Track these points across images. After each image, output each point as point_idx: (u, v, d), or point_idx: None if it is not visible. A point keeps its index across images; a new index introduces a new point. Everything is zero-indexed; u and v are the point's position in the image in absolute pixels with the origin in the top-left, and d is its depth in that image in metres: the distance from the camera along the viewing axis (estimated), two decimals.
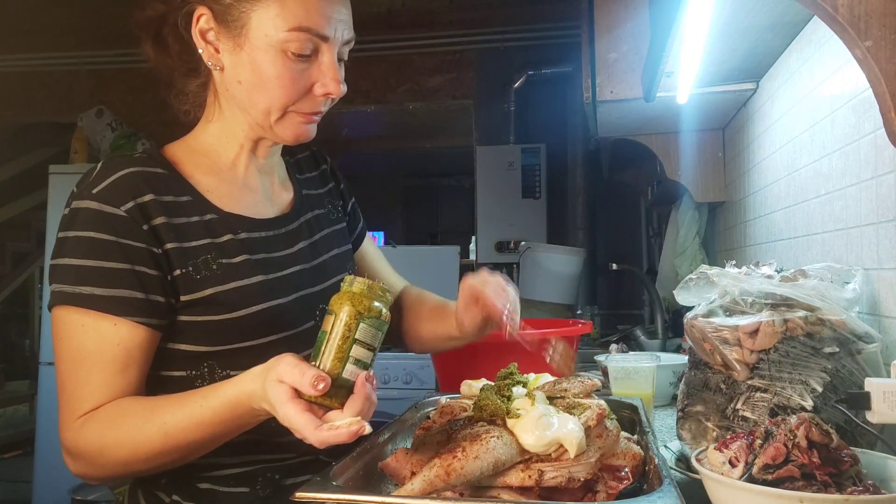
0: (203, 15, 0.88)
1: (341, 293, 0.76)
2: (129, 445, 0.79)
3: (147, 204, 0.86)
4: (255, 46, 0.86)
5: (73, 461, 0.83)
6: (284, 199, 1.03)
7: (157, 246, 0.86)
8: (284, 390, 0.70)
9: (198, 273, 0.87)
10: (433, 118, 5.05)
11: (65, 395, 0.83)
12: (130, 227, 0.84)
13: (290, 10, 0.85)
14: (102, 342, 0.82)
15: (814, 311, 0.93)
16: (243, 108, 0.91)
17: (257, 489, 0.91)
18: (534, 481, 0.73)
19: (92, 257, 0.83)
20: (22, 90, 4.45)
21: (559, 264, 3.07)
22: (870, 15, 0.79)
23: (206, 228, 0.90)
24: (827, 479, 0.70)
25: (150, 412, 0.80)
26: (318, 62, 0.89)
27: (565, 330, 1.57)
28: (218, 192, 0.94)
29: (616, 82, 1.84)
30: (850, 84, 1.20)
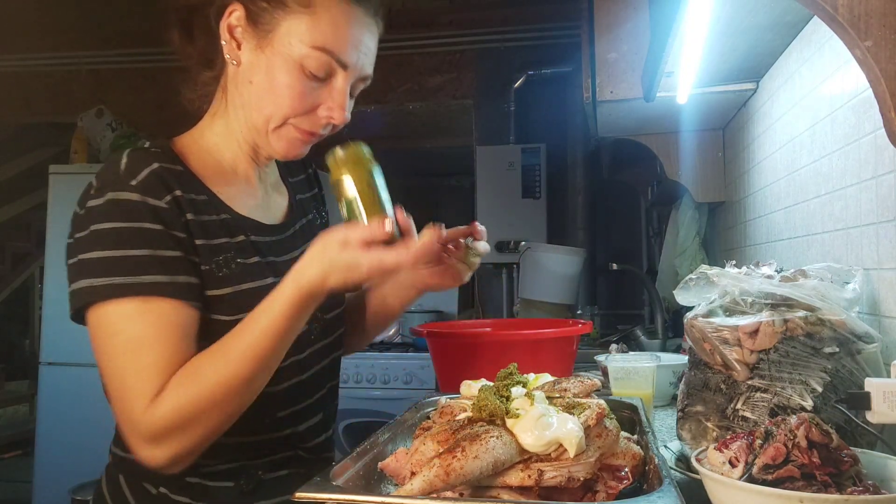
0: (236, 11, 0.89)
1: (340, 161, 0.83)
2: (217, 386, 0.79)
3: (180, 198, 0.86)
4: (276, 52, 0.87)
5: (156, 447, 0.80)
6: (280, 205, 1.04)
7: (192, 238, 0.87)
8: (356, 249, 0.77)
9: (219, 271, 0.88)
10: (433, 118, 5.04)
11: (128, 386, 0.81)
12: (174, 218, 0.85)
13: (319, 28, 0.86)
14: (163, 326, 0.81)
15: (814, 311, 0.93)
16: (247, 107, 0.91)
17: (241, 483, 0.92)
18: (533, 481, 0.73)
19: (146, 247, 0.82)
20: (22, 90, 4.45)
21: (559, 264, 3.07)
22: (870, 15, 0.79)
23: (224, 228, 0.91)
24: (827, 479, 0.70)
25: (223, 350, 0.81)
26: (330, 86, 0.90)
27: (565, 330, 1.57)
28: (227, 193, 0.94)
29: (616, 82, 1.85)
30: (850, 84, 1.20)
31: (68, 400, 3.51)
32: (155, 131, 4.10)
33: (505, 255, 3.73)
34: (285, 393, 0.95)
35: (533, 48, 3.88)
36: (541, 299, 3.07)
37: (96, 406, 3.83)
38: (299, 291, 0.80)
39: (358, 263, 0.77)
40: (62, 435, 3.50)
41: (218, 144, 0.96)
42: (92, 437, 3.42)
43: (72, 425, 3.48)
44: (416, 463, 0.77)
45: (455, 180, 8.15)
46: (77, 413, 3.49)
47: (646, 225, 3.87)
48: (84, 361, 3.51)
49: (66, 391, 3.52)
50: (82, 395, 3.49)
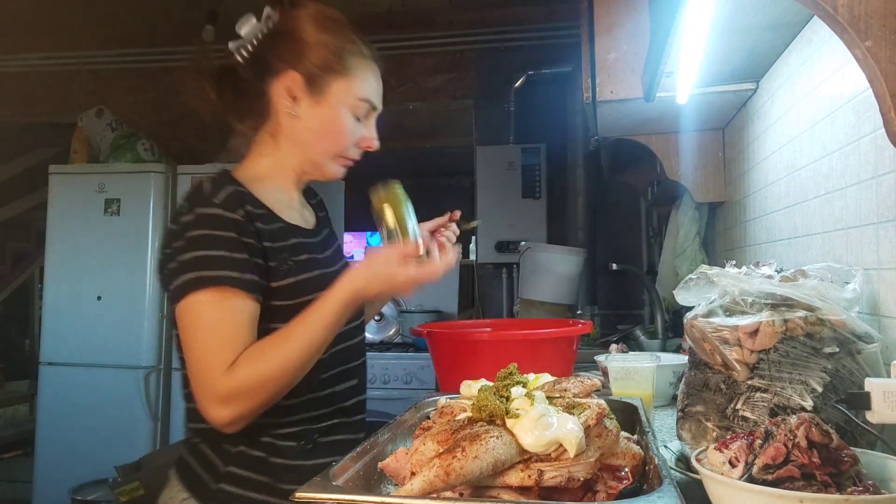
0: (296, 78, 1.15)
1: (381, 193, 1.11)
2: (279, 361, 1.02)
3: (249, 212, 1.09)
4: (331, 105, 1.16)
5: (222, 408, 1.00)
6: (310, 217, 1.29)
7: (260, 243, 1.08)
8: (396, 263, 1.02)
9: (280, 266, 1.10)
10: (433, 118, 5.04)
11: (210, 356, 1.01)
12: (245, 228, 1.07)
13: (359, 85, 1.18)
14: (237, 312, 1.03)
15: (814, 311, 0.93)
16: (305, 147, 1.19)
17: (301, 444, 1.13)
18: (533, 481, 0.73)
19: (225, 249, 1.04)
20: (22, 90, 4.45)
21: (559, 264, 3.07)
22: (870, 15, 0.79)
23: (280, 234, 1.14)
24: (827, 479, 0.70)
25: (286, 335, 1.04)
26: (366, 123, 1.21)
27: (565, 330, 1.57)
28: (277, 208, 1.17)
29: (616, 82, 1.84)
30: (850, 84, 1.20)
31: (68, 400, 3.52)
32: (155, 131, 4.11)
33: (505, 255, 3.73)
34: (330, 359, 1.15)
35: (533, 48, 3.89)
36: (541, 299, 3.07)
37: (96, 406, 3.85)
38: (346, 295, 1.03)
39: (395, 275, 1.01)
40: (62, 435, 3.50)
41: (267, 174, 1.20)
42: (92, 436, 3.45)
43: (72, 425, 3.49)
44: (416, 463, 0.77)
45: (455, 180, 8.14)
46: (77, 413, 3.49)
47: (646, 225, 3.87)
48: (84, 361, 3.52)
49: (66, 391, 3.52)
50: (82, 395, 3.50)
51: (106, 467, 2.99)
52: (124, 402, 3.47)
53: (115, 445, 3.36)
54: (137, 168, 3.63)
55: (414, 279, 1.02)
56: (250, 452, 1.10)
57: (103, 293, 3.53)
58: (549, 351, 1.48)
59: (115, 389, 3.47)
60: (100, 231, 3.56)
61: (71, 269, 3.57)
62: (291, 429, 1.13)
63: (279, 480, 1.09)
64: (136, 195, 3.58)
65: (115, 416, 3.46)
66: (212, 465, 1.10)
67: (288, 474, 1.10)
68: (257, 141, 1.22)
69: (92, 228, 3.57)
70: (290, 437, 1.12)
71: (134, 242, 3.53)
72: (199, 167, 3.62)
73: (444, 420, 0.87)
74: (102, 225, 3.57)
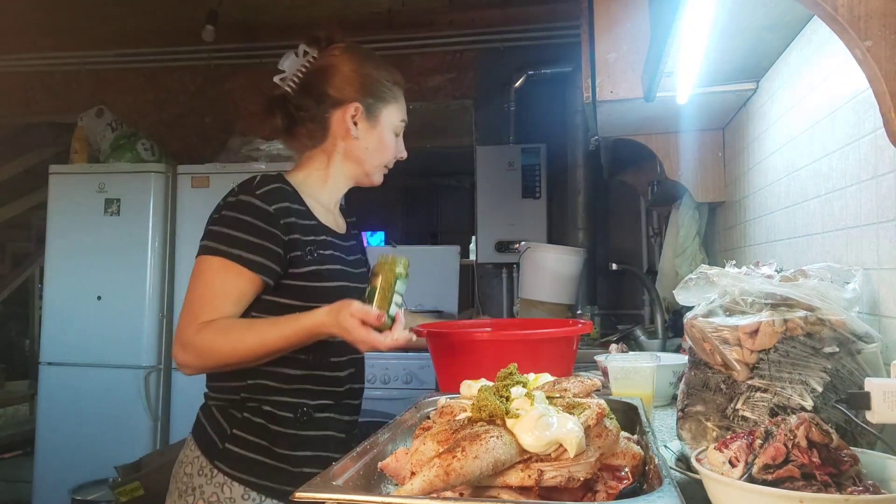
0: (358, 107, 1.40)
1: (383, 263, 1.21)
2: (231, 346, 1.21)
3: (287, 207, 1.30)
4: (384, 127, 1.43)
5: (183, 352, 1.22)
6: (342, 224, 1.49)
7: (286, 234, 1.28)
8: (355, 321, 1.14)
9: (307, 256, 1.30)
10: (433, 118, 5.04)
11: (191, 309, 1.23)
12: (276, 220, 1.27)
13: (399, 109, 1.46)
14: (230, 284, 1.24)
15: (814, 311, 0.93)
16: (362, 163, 1.43)
17: (298, 415, 1.31)
18: (533, 481, 0.73)
19: (245, 232, 1.25)
20: (22, 90, 4.45)
21: (559, 264, 3.07)
22: (870, 15, 0.79)
23: (313, 229, 1.34)
24: (827, 479, 0.70)
25: (251, 327, 1.24)
26: (399, 140, 1.48)
27: (565, 330, 1.57)
28: (315, 209, 1.38)
29: (616, 82, 1.84)
30: (850, 84, 1.20)
31: (68, 400, 3.51)
32: (155, 131, 4.11)
33: (505, 255, 3.73)
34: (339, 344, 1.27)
35: (533, 48, 3.88)
36: (541, 299, 3.07)
37: (96, 406, 3.85)
38: (310, 324, 1.19)
39: (350, 332, 1.15)
40: (62, 435, 3.50)
41: (315, 183, 1.43)
42: (92, 436, 3.45)
43: (72, 425, 3.49)
44: (416, 463, 0.77)
45: (455, 180, 8.15)
46: (77, 413, 3.49)
47: (646, 225, 3.87)
48: (84, 361, 3.52)
49: (66, 391, 3.52)
50: (82, 395, 3.50)
51: (106, 467, 2.99)
52: (124, 402, 3.47)
53: (115, 445, 3.36)
54: (137, 168, 3.63)
55: (363, 342, 1.16)
56: (253, 419, 1.29)
57: (103, 293, 3.53)
58: (549, 351, 1.48)
59: (115, 389, 3.47)
60: (100, 231, 3.56)
61: (71, 269, 3.57)
62: (290, 399, 1.30)
63: (275, 445, 1.28)
64: (136, 195, 3.58)
65: (115, 416, 3.46)
66: (220, 428, 1.30)
67: (283, 440, 1.29)
68: (309, 156, 1.44)
69: (92, 228, 3.57)
70: (288, 409, 1.30)
71: (134, 242, 3.53)
72: (199, 167, 3.62)
73: (444, 420, 0.87)
74: (102, 225, 3.57)
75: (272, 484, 1.27)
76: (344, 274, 1.37)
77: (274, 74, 1.42)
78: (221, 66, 4.25)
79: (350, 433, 1.41)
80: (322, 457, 1.30)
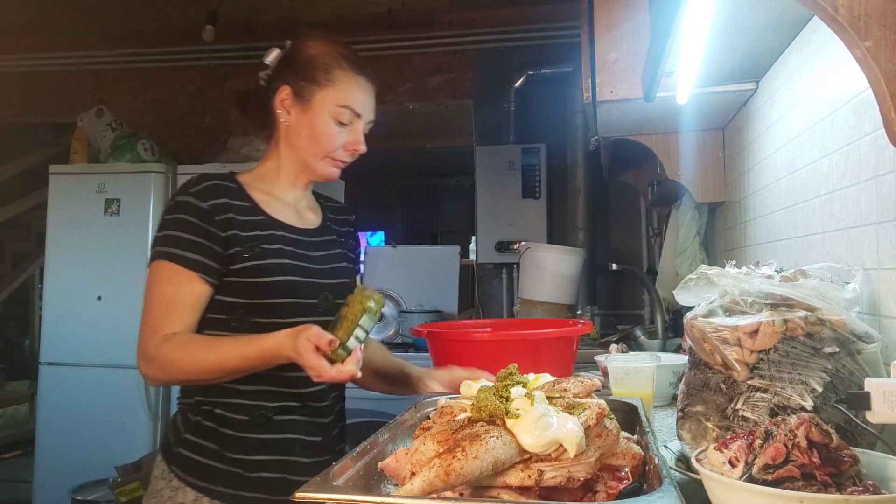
0: (286, 90, 1.32)
1: (356, 294, 1.17)
2: (192, 361, 1.18)
3: (225, 203, 1.27)
4: (316, 112, 1.31)
5: (146, 364, 1.21)
6: (312, 219, 1.43)
7: (224, 231, 1.25)
8: (310, 346, 1.08)
9: (246, 252, 1.26)
10: (433, 118, 5.04)
11: (150, 320, 1.22)
12: (211, 217, 1.24)
13: (341, 93, 1.32)
14: (182, 290, 1.22)
15: (814, 311, 0.93)
16: (299, 151, 1.34)
17: (254, 417, 1.26)
18: (533, 481, 0.73)
19: (185, 231, 1.23)
20: (22, 90, 4.45)
21: (559, 264, 3.07)
22: (870, 15, 0.79)
23: (257, 224, 1.30)
24: (827, 479, 0.70)
25: (212, 345, 1.20)
26: (351, 129, 1.34)
27: (565, 330, 1.57)
28: (267, 203, 1.34)
29: (616, 82, 1.84)
30: (850, 84, 1.20)
31: (68, 400, 3.51)
32: (155, 131, 4.11)
33: (505, 255, 3.73)
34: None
35: (533, 48, 3.88)
36: (541, 299, 3.07)
37: (96, 406, 3.85)
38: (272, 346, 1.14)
39: (302, 353, 1.09)
40: (62, 435, 3.50)
41: (268, 176, 1.38)
42: (92, 436, 3.44)
43: (72, 425, 3.48)
44: (416, 463, 0.77)
45: (455, 180, 8.15)
46: (77, 413, 3.49)
47: (646, 225, 3.87)
48: (84, 361, 3.52)
49: (66, 391, 3.52)
50: (82, 395, 3.49)
51: (106, 467, 2.99)
52: (124, 402, 3.46)
53: (115, 445, 3.36)
54: (137, 168, 3.63)
55: (311, 368, 1.09)
56: (203, 422, 1.27)
57: (103, 293, 3.53)
58: (549, 351, 1.48)
59: (115, 389, 3.47)
60: (100, 231, 3.56)
61: (71, 269, 3.57)
62: (246, 402, 1.26)
63: (226, 449, 1.24)
64: (136, 195, 3.58)
65: (115, 416, 3.45)
66: (177, 431, 1.29)
67: (234, 444, 1.25)
68: (267, 149, 1.41)
69: (92, 228, 3.57)
70: (243, 411, 1.26)
71: (134, 242, 3.53)
72: (199, 167, 3.61)
73: (444, 420, 0.87)
74: (102, 225, 3.57)
75: (226, 489, 1.23)
76: (293, 269, 1.30)
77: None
78: (221, 66, 4.25)
79: (328, 435, 1.33)
80: (285, 461, 1.25)
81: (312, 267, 1.33)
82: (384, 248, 5.12)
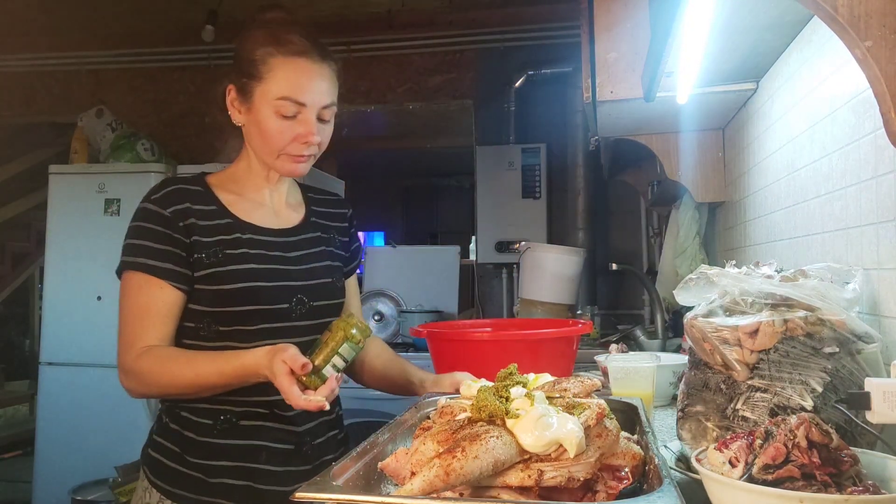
0: (231, 90, 1.27)
1: (340, 320, 1.15)
2: (170, 376, 1.17)
3: (186, 209, 1.24)
4: (258, 110, 1.24)
5: (125, 378, 1.21)
6: (291, 217, 1.36)
7: (188, 237, 1.22)
8: (284, 368, 1.05)
9: (208, 259, 1.22)
10: (433, 118, 5.04)
11: (126, 333, 1.21)
12: (173, 223, 1.22)
13: (278, 85, 1.22)
14: (154, 300, 1.20)
15: (814, 311, 0.93)
16: (256, 150, 1.29)
17: (218, 422, 1.23)
18: (533, 481, 0.73)
19: (150, 240, 1.21)
20: (22, 90, 4.45)
21: (559, 264, 3.07)
22: (870, 15, 0.79)
23: (221, 228, 1.25)
24: (827, 479, 0.70)
25: (190, 360, 1.18)
26: (299, 120, 1.23)
27: (565, 330, 1.57)
28: (236, 204, 1.29)
29: (616, 82, 1.84)
30: (850, 84, 1.20)
31: (68, 400, 3.51)
32: (155, 131, 4.11)
33: (505, 255, 3.73)
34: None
35: (533, 48, 3.88)
36: (541, 299, 3.07)
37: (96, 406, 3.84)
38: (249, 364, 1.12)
39: (276, 375, 1.06)
40: (62, 435, 3.50)
41: (239, 176, 1.34)
42: (92, 436, 3.44)
43: (72, 425, 3.48)
44: (416, 463, 0.77)
45: (455, 180, 8.15)
46: (77, 413, 3.48)
47: (646, 225, 3.87)
48: (84, 361, 3.51)
49: (66, 391, 3.52)
50: (82, 395, 3.49)
51: (106, 467, 2.99)
52: (124, 402, 3.41)
53: (115, 445, 3.35)
54: (137, 168, 3.63)
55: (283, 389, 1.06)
56: (170, 425, 1.27)
57: (103, 293, 3.53)
58: (549, 351, 1.48)
59: (115, 389, 3.41)
60: (100, 231, 3.56)
61: (71, 269, 3.56)
62: (210, 406, 1.23)
63: (187, 453, 1.23)
64: (136, 195, 3.52)
65: (115, 416, 3.45)
66: (151, 432, 1.31)
67: (196, 448, 1.23)
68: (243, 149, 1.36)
69: (92, 228, 3.56)
70: (208, 415, 1.23)
71: None
72: (199, 167, 3.59)
73: (444, 420, 0.87)
74: (102, 225, 3.56)
75: (188, 493, 1.21)
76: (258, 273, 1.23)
77: None
78: (221, 66, 4.25)
79: (303, 444, 1.25)
80: (248, 468, 1.21)
81: (285, 269, 1.27)
82: (384, 248, 5.12)
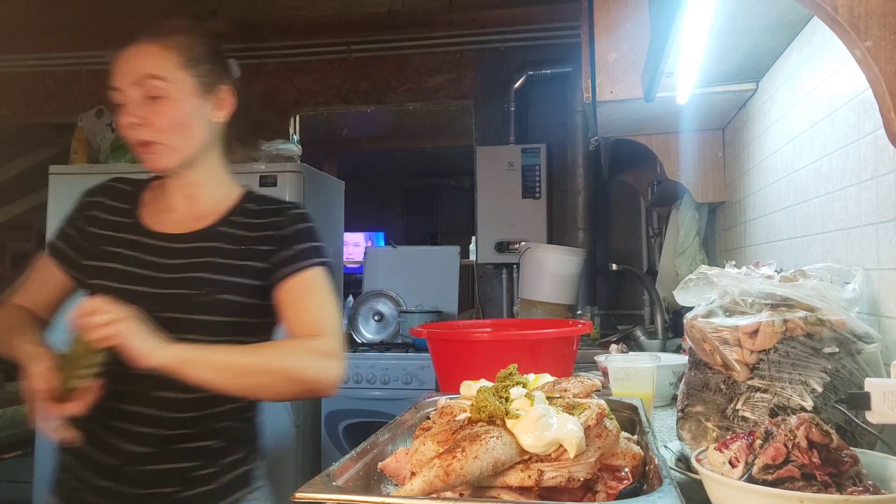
0: None
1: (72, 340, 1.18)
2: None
3: (98, 202, 1.34)
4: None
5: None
6: (193, 225, 1.30)
7: (87, 226, 1.32)
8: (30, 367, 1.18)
9: (93, 250, 1.30)
10: (433, 118, 5.04)
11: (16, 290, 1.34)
12: (82, 212, 1.34)
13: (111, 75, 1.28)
14: (37, 270, 1.36)
15: (814, 312, 0.93)
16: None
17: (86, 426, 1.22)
18: (533, 481, 0.73)
19: (64, 222, 1.36)
20: (22, 90, 4.45)
21: (559, 264, 3.07)
22: (870, 15, 0.79)
23: (118, 227, 1.31)
24: (827, 479, 0.70)
25: (11, 328, 1.28)
26: (123, 107, 1.29)
27: (565, 330, 1.57)
28: (151, 205, 1.34)
29: (616, 82, 1.84)
30: (850, 84, 1.20)
31: None
32: None
33: (505, 255, 3.73)
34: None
35: (533, 48, 3.88)
36: (541, 299, 3.07)
37: None
38: (24, 353, 1.26)
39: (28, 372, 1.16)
40: None
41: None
42: None
43: None
44: (416, 463, 0.77)
45: (455, 180, 8.15)
46: None
47: (646, 225, 3.87)
48: None
49: None
50: None
51: None
52: None
53: None
54: (137, 168, 3.59)
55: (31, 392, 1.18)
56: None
57: None
58: (548, 351, 1.48)
59: None
60: None
61: None
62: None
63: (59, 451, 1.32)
64: None
65: None
66: None
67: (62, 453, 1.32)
68: None
69: None
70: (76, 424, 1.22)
71: None
72: None
73: (444, 420, 0.87)
74: None
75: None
76: (118, 274, 1.24)
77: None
78: None
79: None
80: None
81: (149, 274, 1.23)
82: (384, 248, 5.12)
